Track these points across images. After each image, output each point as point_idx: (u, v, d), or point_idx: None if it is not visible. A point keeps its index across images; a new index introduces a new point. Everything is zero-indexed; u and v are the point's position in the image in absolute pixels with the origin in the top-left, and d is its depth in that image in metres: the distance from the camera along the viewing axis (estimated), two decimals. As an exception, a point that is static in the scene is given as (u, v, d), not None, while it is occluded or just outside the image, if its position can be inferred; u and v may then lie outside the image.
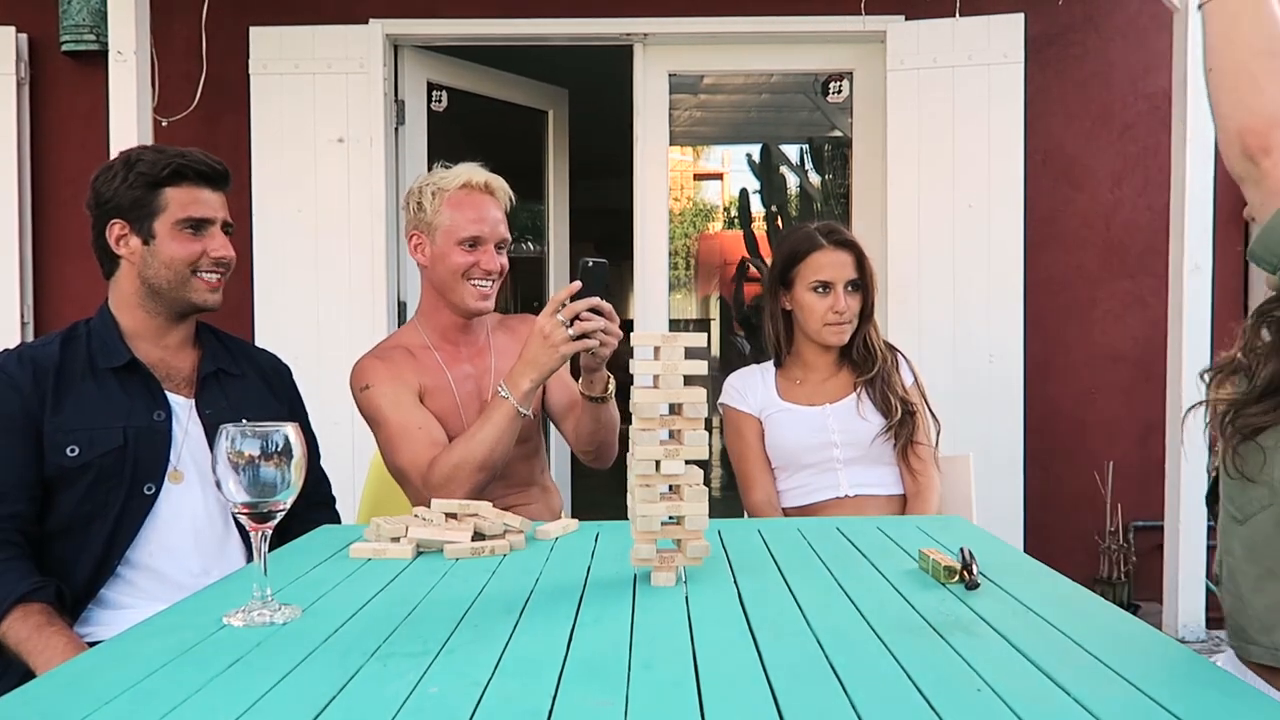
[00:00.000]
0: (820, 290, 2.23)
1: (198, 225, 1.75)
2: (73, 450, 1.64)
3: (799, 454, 2.23)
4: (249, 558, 1.74)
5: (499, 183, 2.08)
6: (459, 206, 2.03)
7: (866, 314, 2.28)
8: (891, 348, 2.34)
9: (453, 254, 2.02)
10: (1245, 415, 1.08)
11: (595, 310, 1.75)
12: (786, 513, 2.23)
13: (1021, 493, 3.53)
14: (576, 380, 2.01)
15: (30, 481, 1.64)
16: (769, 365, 2.36)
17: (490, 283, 2.06)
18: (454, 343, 2.11)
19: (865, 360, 2.27)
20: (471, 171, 2.06)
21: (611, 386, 1.94)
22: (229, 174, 1.81)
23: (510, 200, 2.11)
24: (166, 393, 1.76)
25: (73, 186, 3.60)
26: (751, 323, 7.22)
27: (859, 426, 2.21)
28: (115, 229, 1.74)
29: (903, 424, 2.21)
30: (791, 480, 2.24)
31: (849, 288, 2.24)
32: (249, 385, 1.86)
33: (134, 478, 1.68)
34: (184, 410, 1.76)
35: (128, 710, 0.88)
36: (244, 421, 1.67)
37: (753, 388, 2.31)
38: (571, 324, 1.75)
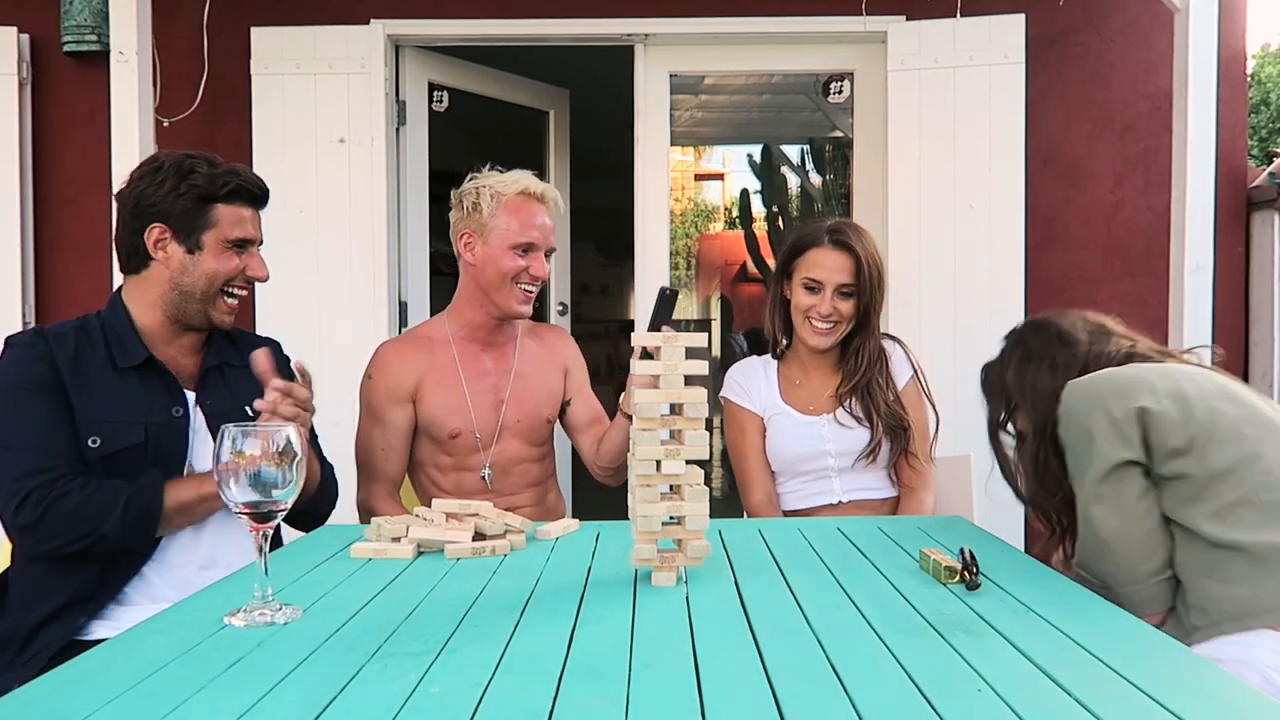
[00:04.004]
0: (810, 288, 2.17)
1: (242, 245, 1.80)
2: (94, 441, 1.66)
3: (794, 462, 2.20)
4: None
5: (554, 193, 2.14)
6: (516, 212, 2.08)
7: (863, 323, 2.19)
8: (891, 337, 2.28)
9: (505, 258, 2.07)
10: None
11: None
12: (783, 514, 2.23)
13: (1022, 493, 3.52)
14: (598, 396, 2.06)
15: (71, 443, 1.65)
16: (769, 359, 2.31)
17: (534, 288, 2.11)
18: (480, 341, 2.15)
19: (854, 370, 2.20)
20: (529, 179, 2.11)
21: None
22: (269, 195, 1.86)
23: (560, 210, 2.16)
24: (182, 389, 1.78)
25: (74, 186, 3.61)
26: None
27: (853, 436, 2.17)
28: (155, 232, 1.74)
29: (895, 438, 2.17)
30: (786, 485, 2.23)
31: (840, 292, 2.15)
32: (251, 375, 1.87)
33: None
34: (190, 405, 1.78)
35: (129, 709, 0.88)
36: (247, 411, 1.68)
37: (755, 384, 2.27)
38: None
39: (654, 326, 1.79)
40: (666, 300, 1.82)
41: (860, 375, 2.19)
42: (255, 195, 1.82)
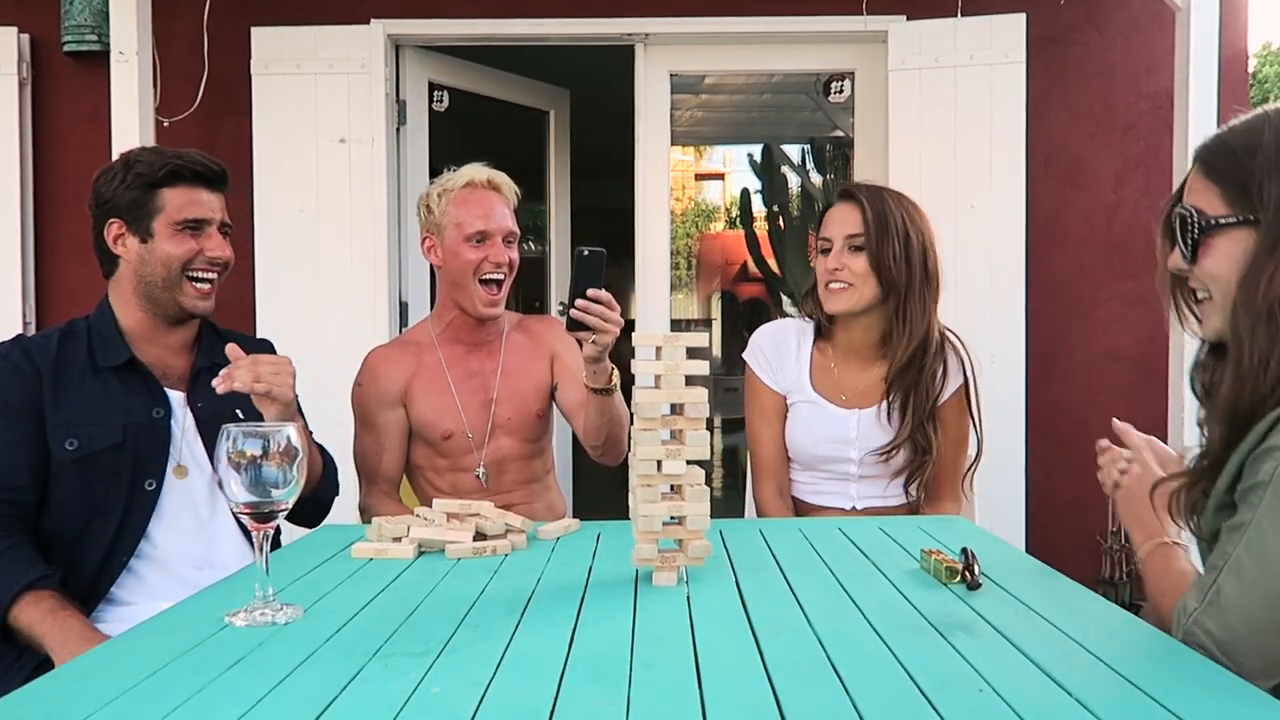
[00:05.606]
0: (824, 250, 2.05)
1: (196, 225, 1.75)
2: (71, 444, 1.65)
3: (814, 460, 2.10)
4: (247, 545, 1.75)
5: (502, 178, 2.12)
6: (464, 204, 2.08)
7: (890, 283, 1.98)
8: (946, 339, 2.09)
9: (462, 251, 2.07)
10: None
11: (594, 299, 1.73)
12: (792, 499, 2.14)
13: (1023, 493, 3.52)
14: None
15: (33, 466, 1.64)
16: (808, 330, 2.13)
17: (501, 277, 2.09)
18: (464, 341, 2.15)
19: (897, 348, 2.01)
20: (474, 170, 2.11)
21: (616, 378, 1.91)
22: (227, 174, 1.81)
23: (516, 195, 2.15)
24: (165, 389, 1.76)
25: (74, 187, 3.60)
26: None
27: (882, 444, 2.04)
28: (113, 228, 1.75)
29: (914, 455, 2.03)
30: (800, 475, 2.13)
31: (850, 247, 2.00)
32: None
33: (134, 474, 1.69)
34: (179, 405, 1.77)
35: (130, 709, 0.88)
36: (239, 414, 1.67)
37: (785, 359, 2.11)
38: (569, 311, 1.75)
39: (579, 292, 1.72)
40: (587, 262, 1.72)
41: (908, 362, 2.01)
42: (203, 175, 1.76)
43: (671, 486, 1.30)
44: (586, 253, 1.73)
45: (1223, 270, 1.16)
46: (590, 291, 1.72)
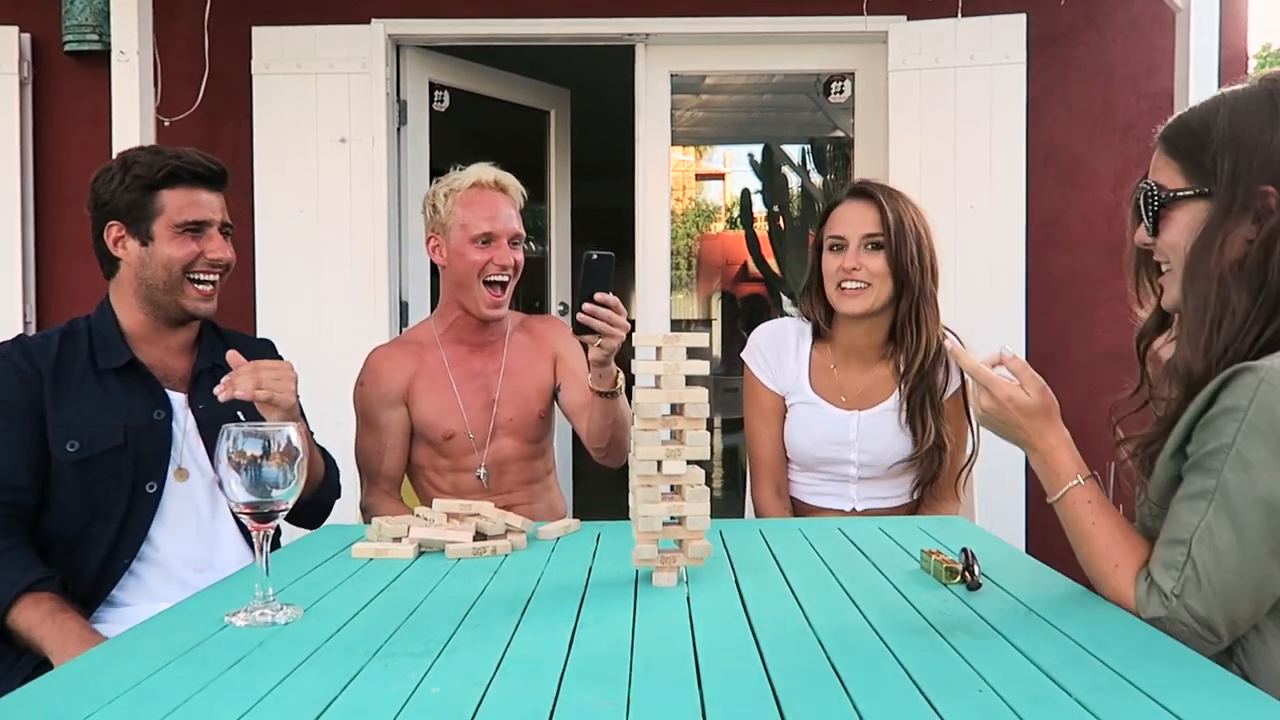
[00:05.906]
0: (835, 247, 2.00)
1: (196, 227, 1.74)
2: (72, 445, 1.65)
3: (813, 462, 2.08)
4: (247, 548, 1.75)
5: (509, 179, 2.12)
6: (470, 205, 2.07)
7: (904, 283, 1.97)
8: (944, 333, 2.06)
9: (468, 252, 2.06)
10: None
11: (601, 303, 1.72)
12: (791, 499, 2.14)
13: (1023, 493, 3.52)
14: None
15: (33, 467, 1.64)
16: (807, 330, 2.11)
17: (506, 279, 2.08)
18: (466, 341, 2.15)
19: (910, 349, 1.98)
20: (481, 171, 2.11)
21: (621, 382, 1.91)
22: (227, 174, 1.80)
23: (522, 196, 2.14)
24: (166, 391, 1.76)
25: (75, 186, 3.60)
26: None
27: (884, 447, 2.03)
28: (113, 231, 1.74)
29: (929, 460, 2.00)
30: (799, 476, 2.13)
31: (867, 245, 1.97)
32: None
33: (135, 476, 1.69)
34: (180, 407, 1.77)
35: (130, 709, 0.88)
36: (240, 415, 1.67)
37: (784, 359, 2.09)
38: (575, 315, 1.74)
39: (586, 295, 1.71)
40: (595, 266, 1.71)
41: (918, 366, 1.98)
42: (203, 176, 1.75)
43: (671, 487, 1.30)
44: (595, 256, 1.71)
45: (1180, 240, 1.23)
46: (598, 295, 1.71)
